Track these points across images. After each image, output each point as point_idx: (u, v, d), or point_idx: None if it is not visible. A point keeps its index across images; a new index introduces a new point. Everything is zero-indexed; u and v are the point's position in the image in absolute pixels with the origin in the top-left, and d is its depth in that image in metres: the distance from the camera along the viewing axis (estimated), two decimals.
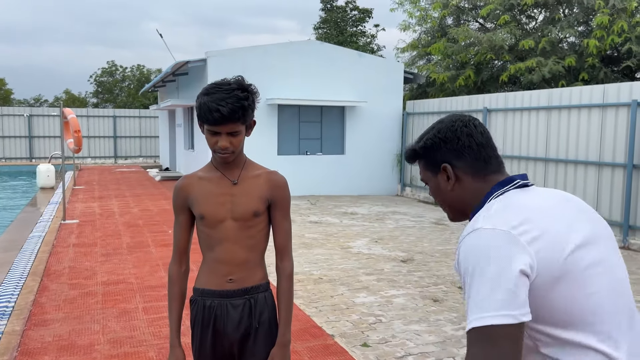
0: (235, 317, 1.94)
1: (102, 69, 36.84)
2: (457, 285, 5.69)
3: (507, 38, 13.81)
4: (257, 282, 1.98)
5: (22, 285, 5.32)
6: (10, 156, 22.10)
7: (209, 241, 1.96)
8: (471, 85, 14.94)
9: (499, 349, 1.06)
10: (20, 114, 22.38)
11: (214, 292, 1.95)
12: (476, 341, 1.09)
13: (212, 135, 1.85)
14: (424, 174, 1.45)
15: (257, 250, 1.98)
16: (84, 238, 7.66)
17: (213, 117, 1.80)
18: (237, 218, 1.92)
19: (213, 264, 1.96)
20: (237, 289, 1.94)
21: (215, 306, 1.94)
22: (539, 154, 9.50)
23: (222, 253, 1.93)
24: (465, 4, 15.89)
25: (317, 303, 5.04)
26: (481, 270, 1.12)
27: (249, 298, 1.95)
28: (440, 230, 8.98)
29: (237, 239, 1.93)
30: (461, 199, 1.36)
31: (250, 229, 1.94)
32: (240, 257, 1.94)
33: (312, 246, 7.48)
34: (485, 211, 1.24)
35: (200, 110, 1.84)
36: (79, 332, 4.19)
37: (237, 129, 1.84)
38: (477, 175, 1.33)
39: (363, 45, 24.85)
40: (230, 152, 1.87)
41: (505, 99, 10.37)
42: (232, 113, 1.79)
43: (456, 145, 1.33)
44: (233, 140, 1.85)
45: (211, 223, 1.92)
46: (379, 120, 13.44)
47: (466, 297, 1.15)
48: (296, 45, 13.18)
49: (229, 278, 1.94)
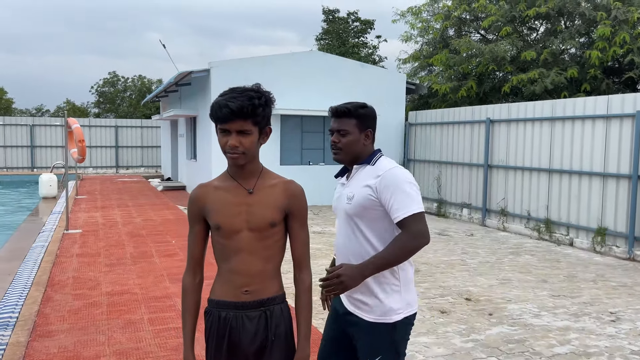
0: (251, 329, 1.90)
1: (103, 79, 36.97)
2: (465, 297, 5.65)
3: (508, 49, 13.86)
4: (273, 293, 1.94)
5: (25, 296, 5.28)
6: (12, 166, 22.10)
7: (225, 252, 1.92)
8: (473, 96, 14.98)
9: (425, 222, 2.12)
10: (23, 124, 22.42)
11: (230, 304, 1.91)
12: (419, 220, 2.10)
13: (223, 136, 1.85)
14: (350, 128, 2.27)
15: (273, 261, 1.94)
16: (87, 248, 7.62)
17: (222, 113, 1.81)
18: (253, 228, 1.88)
19: (228, 275, 1.92)
20: (252, 301, 1.90)
21: (230, 318, 1.90)
22: (542, 164, 9.49)
23: (237, 264, 1.90)
24: (466, 15, 15.98)
25: (323, 315, 5.00)
26: (409, 185, 2.15)
27: (265, 310, 1.91)
28: (444, 241, 8.94)
29: (253, 249, 1.89)
30: (363, 152, 2.30)
31: (266, 240, 1.91)
32: (257, 268, 1.90)
33: (317, 257, 7.44)
34: (386, 160, 2.28)
35: (212, 110, 1.85)
36: (85, 344, 4.15)
37: (246, 127, 1.82)
38: (373, 142, 2.33)
39: (365, 56, 24.95)
40: (241, 153, 1.84)
41: (509, 109, 10.38)
42: (240, 109, 1.79)
43: (375, 122, 2.32)
44: (243, 140, 1.83)
45: (227, 233, 1.89)
46: (381, 131, 13.34)
47: (391, 201, 2.11)
48: (299, 55, 13.22)
49: (244, 289, 1.90)
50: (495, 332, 4.65)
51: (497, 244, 8.83)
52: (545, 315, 5.15)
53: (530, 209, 9.74)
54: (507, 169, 10.29)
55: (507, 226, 10.16)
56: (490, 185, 10.72)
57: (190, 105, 15.36)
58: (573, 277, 6.67)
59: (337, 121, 2.31)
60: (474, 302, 5.50)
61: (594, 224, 8.47)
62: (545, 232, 9.26)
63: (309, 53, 13.84)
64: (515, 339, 4.48)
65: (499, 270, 6.92)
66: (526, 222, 9.82)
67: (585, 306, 5.46)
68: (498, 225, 10.36)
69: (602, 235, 8.24)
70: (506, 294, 5.82)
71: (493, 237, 9.48)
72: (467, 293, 5.81)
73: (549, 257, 7.84)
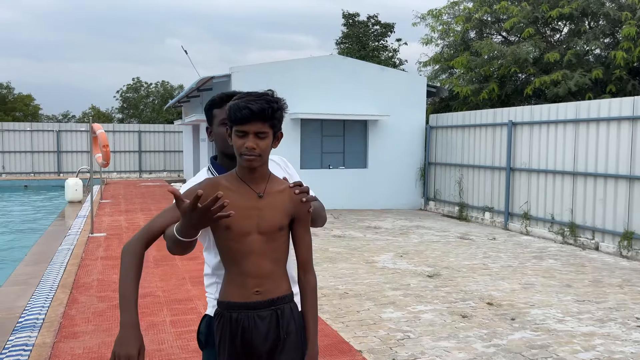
0: (263, 328, 1.93)
1: (127, 85, 37.65)
2: (486, 301, 5.59)
3: (531, 51, 13.68)
4: (282, 293, 1.98)
5: (52, 298, 5.40)
6: (39, 170, 22.62)
7: (233, 255, 1.94)
8: (495, 98, 14.82)
9: None
10: (49, 130, 22.96)
11: (241, 305, 1.93)
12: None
13: (239, 137, 1.87)
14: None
15: (281, 262, 1.99)
16: (111, 251, 7.76)
17: (242, 114, 1.83)
18: (262, 232, 1.92)
19: (239, 277, 1.94)
20: (263, 301, 1.94)
21: (242, 319, 1.93)
22: (566, 167, 9.34)
23: (248, 266, 1.93)
24: (488, 17, 15.84)
25: (343, 318, 5.00)
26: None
27: (276, 309, 1.94)
28: (466, 245, 8.85)
29: (262, 252, 1.93)
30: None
31: (274, 242, 1.95)
32: (267, 269, 1.94)
33: (337, 260, 7.44)
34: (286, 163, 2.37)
35: (229, 111, 1.87)
36: (109, 345, 4.22)
37: (264, 129, 1.86)
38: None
39: (385, 60, 24.91)
40: (257, 156, 1.87)
41: (531, 112, 10.25)
42: (261, 111, 1.83)
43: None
44: (260, 143, 1.86)
45: (236, 236, 1.91)
46: (401, 134, 13.40)
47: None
48: (319, 60, 13.27)
49: (255, 290, 1.93)
50: (518, 337, 4.59)
51: (519, 248, 8.71)
52: (569, 320, 5.06)
53: (554, 213, 9.58)
54: (530, 172, 10.15)
55: (530, 230, 10.02)
56: (513, 189, 10.58)
57: None
58: (598, 282, 6.54)
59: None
60: (496, 306, 5.44)
61: (620, 227, 8.30)
62: (570, 236, 9.10)
63: (329, 57, 13.88)
64: (538, 345, 4.42)
65: (522, 275, 6.82)
66: (550, 225, 9.67)
67: (611, 311, 5.35)
68: (521, 229, 10.22)
69: (628, 240, 8.07)
70: (529, 299, 5.74)
71: (516, 241, 9.36)
72: (489, 297, 5.74)
73: (573, 262, 7.71)
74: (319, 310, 5.15)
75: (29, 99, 35.90)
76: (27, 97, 35.74)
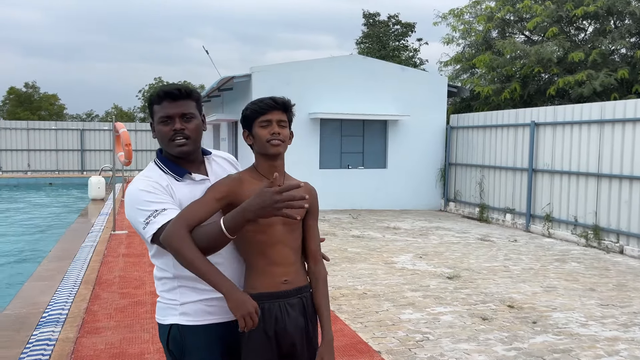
0: (294, 315, 2.01)
1: (149, 85, 38.11)
2: (507, 304, 5.52)
3: (555, 50, 13.47)
4: (305, 281, 2.10)
5: (75, 294, 5.50)
6: (64, 168, 23.05)
7: (259, 246, 2.00)
8: (517, 98, 14.62)
9: None
10: (74, 128, 23.38)
11: (271, 294, 1.99)
12: None
13: (263, 128, 2.00)
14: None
15: (299, 252, 2.12)
16: (132, 248, 7.86)
17: (266, 104, 2.00)
18: (286, 222, 2.01)
19: (266, 267, 2.00)
20: (292, 289, 2.03)
21: (274, 308, 1.99)
22: (591, 169, 9.17)
23: (275, 256, 2.00)
24: (510, 16, 15.64)
25: (362, 318, 4.99)
26: None
27: (301, 297, 2.06)
28: (487, 246, 8.75)
29: (287, 241, 2.03)
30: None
31: (294, 232, 2.07)
32: (291, 258, 2.05)
33: (355, 260, 7.43)
34: None
35: (253, 105, 2.02)
36: (130, 341, 4.28)
37: (285, 119, 2.03)
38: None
39: (405, 59, 24.77)
40: (282, 141, 2.00)
41: (554, 112, 10.09)
42: (282, 102, 2.02)
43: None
44: (282, 131, 2.01)
45: (262, 227, 1.97)
46: (422, 134, 13.30)
47: None
48: (338, 60, 13.26)
49: (284, 279, 2.01)
50: (540, 340, 4.52)
51: (541, 250, 8.58)
52: (592, 324, 4.96)
53: (578, 215, 9.41)
54: (553, 173, 9.99)
55: (552, 232, 9.86)
56: (535, 190, 10.43)
57: (232, 109, 15.62)
58: (623, 286, 6.40)
59: (176, 104, 1.99)
60: (517, 309, 5.36)
61: None
62: (594, 239, 8.93)
63: (349, 57, 13.85)
64: (560, 349, 4.34)
65: (544, 278, 6.72)
66: (573, 228, 9.50)
67: (636, 316, 5.23)
68: (543, 231, 10.06)
69: None
70: (551, 302, 5.65)
71: (537, 243, 9.22)
72: (510, 300, 5.67)
73: (597, 265, 7.56)
74: (338, 310, 5.14)
75: (54, 99, 36.60)
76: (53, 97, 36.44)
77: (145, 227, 1.90)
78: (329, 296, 2.21)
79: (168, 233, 1.84)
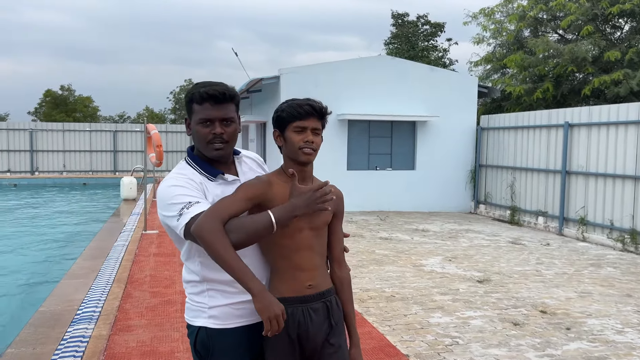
0: (317, 320, 2.01)
1: (179, 87, 38.76)
2: (540, 309, 5.39)
3: (590, 49, 13.13)
4: (329, 286, 2.09)
5: (108, 292, 5.62)
6: (97, 169, 23.62)
7: (284, 250, 1.99)
8: (550, 98, 14.31)
9: None
10: (107, 130, 23.94)
11: (295, 299, 1.99)
12: None
13: (298, 133, 1.97)
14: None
15: (324, 256, 2.12)
16: (163, 248, 7.99)
17: (304, 110, 1.96)
18: (314, 227, 2.01)
19: (291, 272, 2.00)
20: (315, 294, 2.02)
21: (298, 313, 1.98)
22: (627, 171, 8.89)
23: (301, 260, 2.00)
24: (543, 15, 15.32)
25: (390, 321, 4.95)
26: None
27: (325, 301, 2.04)
28: (518, 250, 8.58)
29: (313, 246, 2.02)
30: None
31: (321, 237, 2.07)
32: (317, 263, 2.04)
33: (383, 263, 7.38)
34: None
35: (288, 109, 1.98)
36: (161, 339, 4.35)
37: (319, 127, 2.01)
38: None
39: (435, 60, 24.53)
40: (314, 150, 1.99)
41: (590, 112, 9.82)
42: (320, 109, 2.00)
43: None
44: (315, 139, 1.99)
45: (290, 232, 1.97)
46: (451, 136, 13.14)
47: None
48: (367, 60, 13.21)
49: (308, 284, 2.01)
50: (573, 347, 4.40)
51: (575, 254, 8.36)
52: (629, 332, 4.81)
53: (614, 219, 9.14)
54: (588, 175, 9.73)
55: (586, 236, 9.60)
56: (569, 193, 10.17)
57: (260, 111, 15.74)
58: None
59: (218, 108, 1.97)
60: (549, 315, 5.24)
61: None
62: (631, 244, 8.65)
63: (377, 58, 13.79)
64: (595, 356, 4.22)
65: (578, 283, 6.54)
66: (609, 232, 9.23)
67: None
68: (577, 234, 9.80)
69: None
70: (586, 308, 5.49)
71: (571, 247, 8.99)
72: (543, 305, 5.54)
73: (634, 270, 7.32)
74: (366, 313, 5.11)
75: (89, 101, 37.54)
76: (87, 99, 37.39)
77: (179, 218, 1.86)
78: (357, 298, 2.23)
79: (200, 224, 1.81)
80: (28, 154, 22.88)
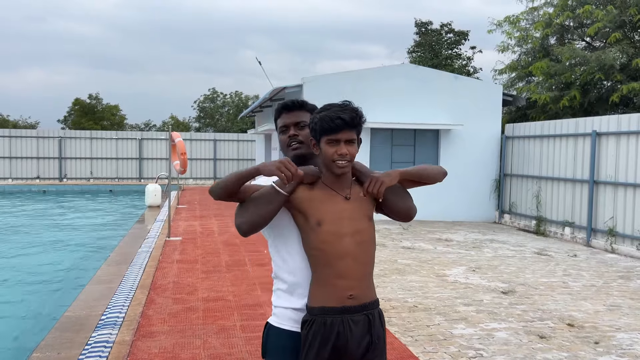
0: (357, 333, 1.95)
1: (204, 96, 39.26)
2: (566, 322, 5.26)
3: (618, 57, 12.87)
4: (372, 298, 2.03)
5: (131, 298, 5.68)
6: (123, 176, 24.03)
7: (325, 257, 1.97)
8: (577, 106, 14.05)
9: None
10: (132, 138, 24.37)
11: (335, 309, 1.95)
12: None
13: (331, 146, 1.98)
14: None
15: (370, 266, 2.05)
16: (186, 255, 8.06)
17: (335, 124, 1.96)
18: (354, 234, 1.99)
19: (332, 280, 1.96)
20: (357, 305, 1.97)
21: (337, 323, 1.94)
22: None
23: (342, 269, 1.96)
24: (570, 22, 15.09)
25: (412, 332, 4.89)
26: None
27: (367, 314, 1.99)
28: (544, 261, 8.41)
29: (355, 254, 1.98)
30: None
31: (364, 245, 2.02)
32: (359, 272, 1.99)
33: (406, 272, 7.31)
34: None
35: (321, 122, 1.98)
36: (182, 346, 4.38)
37: (353, 137, 2.02)
38: None
39: (459, 68, 24.35)
40: (348, 162, 2.00)
41: (618, 121, 9.61)
42: (352, 119, 1.99)
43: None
44: (350, 149, 2.00)
45: (331, 238, 1.96)
46: (475, 144, 12.99)
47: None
48: (390, 69, 13.19)
49: (349, 294, 1.96)
50: None
51: (604, 266, 8.15)
52: None
53: None
54: (617, 185, 9.50)
55: (615, 247, 9.35)
56: (597, 203, 9.94)
57: None
58: None
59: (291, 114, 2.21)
60: (577, 328, 5.11)
61: None
62: None
63: (400, 66, 13.75)
64: None
65: (607, 295, 6.37)
66: (638, 243, 8.98)
67: None
68: (605, 246, 9.56)
69: None
70: (615, 322, 5.34)
71: (599, 258, 8.77)
72: (570, 318, 5.40)
73: None
74: (388, 323, 5.06)
75: (116, 109, 38.27)
76: (115, 107, 38.12)
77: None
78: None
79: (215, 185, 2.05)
80: (57, 161, 23.41)
